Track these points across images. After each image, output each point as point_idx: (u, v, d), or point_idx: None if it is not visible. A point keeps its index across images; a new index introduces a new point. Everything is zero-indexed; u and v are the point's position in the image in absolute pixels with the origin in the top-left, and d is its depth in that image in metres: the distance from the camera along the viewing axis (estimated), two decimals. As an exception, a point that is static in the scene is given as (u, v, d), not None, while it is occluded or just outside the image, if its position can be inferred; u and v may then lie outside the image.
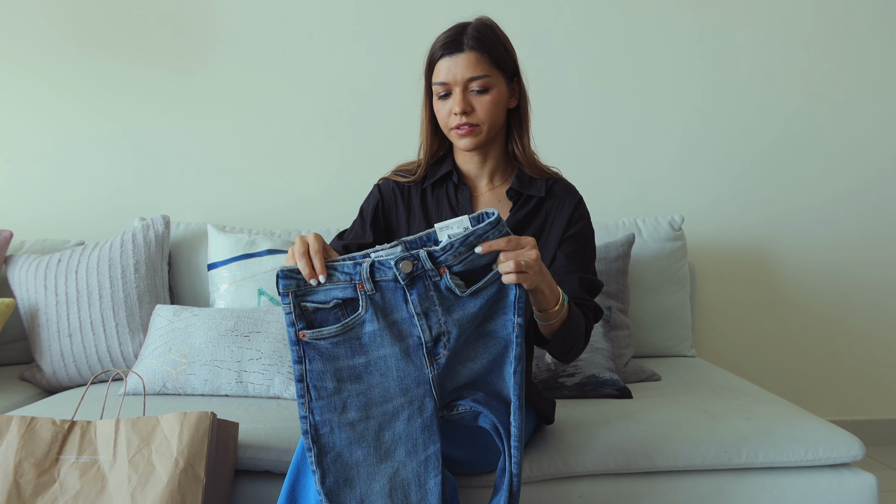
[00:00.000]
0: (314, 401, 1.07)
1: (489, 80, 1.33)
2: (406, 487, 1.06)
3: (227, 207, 2.46)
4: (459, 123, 1.34)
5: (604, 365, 1.84)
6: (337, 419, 1.07)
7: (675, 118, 2.51)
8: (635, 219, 2.26)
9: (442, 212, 1.44)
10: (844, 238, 2.54)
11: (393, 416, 1.08)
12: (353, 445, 1.07)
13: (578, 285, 1.37)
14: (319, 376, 1.07)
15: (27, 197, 2.43)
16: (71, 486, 1.26)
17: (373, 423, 1.08)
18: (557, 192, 1.44)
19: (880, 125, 2.54)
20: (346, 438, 1.07)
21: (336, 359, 1.07)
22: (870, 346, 2.57)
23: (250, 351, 1.76)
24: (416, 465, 1.07)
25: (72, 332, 1.97)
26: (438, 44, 1.36)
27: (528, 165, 1.43)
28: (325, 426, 1.07)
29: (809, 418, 1.53)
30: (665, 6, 2.48)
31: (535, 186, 1.42)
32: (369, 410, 1.08)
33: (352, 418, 1.08)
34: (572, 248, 1.41)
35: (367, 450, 1.07)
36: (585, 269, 1.41)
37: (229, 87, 2.45)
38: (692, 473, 1.41)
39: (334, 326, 1.07)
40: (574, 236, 1.42)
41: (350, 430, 1.07)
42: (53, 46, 2.41)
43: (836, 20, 2.50)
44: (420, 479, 1.06)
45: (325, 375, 1.07)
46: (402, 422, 1.08)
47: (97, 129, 2.43)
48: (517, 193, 1.42)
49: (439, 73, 1.35)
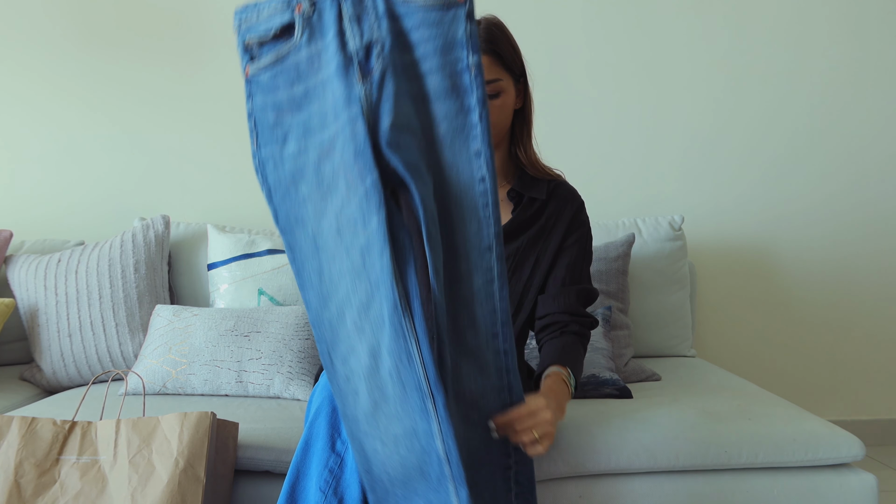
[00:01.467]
0: (259, 136, 1.05)
1: (500, 83, 1.32)
2: (354, 225, 1.00)
3: (227, 207, 2.46)
4: None
5: (604, 365, 1.84)
6: (279, 152, 1.04)
7: (675, 118, 2.51)
8: (635, 219, 2.27)
9: None
10: (844, 238, 2.54)
11: (330, 147, 1.02)
12: (298, 181, 1.04)
13: (576, 299, 1.37)
14: (262, 110, 1.04)
15: (27, 197, 2.43)
16: (71, 487, 1.26)
17: (312, 154, 1.03)
18: (559, 196, 1.43)
19: (881, 125, 2.54)
20: (289, 173, 1.04)
21: (276, 89, 1.04)
22: (870, 346, 2.57)
23: (250, 351, 1.76)
24: (358, 199, 0.99)
25: (72, 332, 1.97)
26: None
27: (531, 167, 1.42)
28: (268, 161, 1.05)
29: (809, 418, 1.53)
30: (666, 8, 2.48)
31: (536, 188, 1.42)
32: (308, 140, 1.03)
33: (292, 150, 1.04)
34: (572, 257, 1.41)
35: (311, 185, 1.03)
36: (583, 279, 1.42)
37: (230, 87, 2.44)
38: (692, 473, 1.41)
39: (268, 56, 1.03)
40: (574, 244, 1.42)
41: (292, 162, 1.04)
42: (54, 46, 2.41)
43: (835, 20, 2.50)
44: (364, 214, 0.98)
45: (266, 109, 1.04)
46: (339, 151, 1.01)
47: (97, 129, 2.43)
48: (518, 195, 1.42)
49: None
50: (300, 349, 1.77)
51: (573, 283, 1.41)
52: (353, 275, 1.01)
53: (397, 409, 0.98)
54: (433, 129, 1.03)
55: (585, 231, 1.45)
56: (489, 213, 1.04)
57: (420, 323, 0.96)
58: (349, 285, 1.02)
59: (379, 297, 0.98)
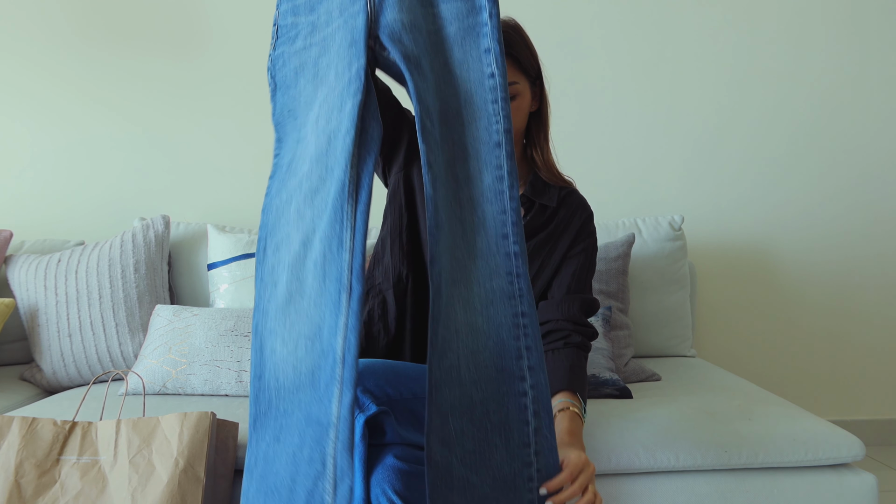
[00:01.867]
0: (277, 38, 1.12)
1: (517, 86, 1.32)
2: (330, 111, 1.02)
3: (227, 207, 2.46)
4: None
5: (604, 365, 1.84)
6: (289, 49, 1.11)
7: (675, 118, 2.51)
8: (635, 219, 2.27)
9: None
10: (844, 238, 2.54)
11: (330, 40, 1.06)
12: (299, 75, 1.09)
13: (579, 308, 1.38)
14: (284, 15, 1.12)
15: (27, 197, 2.43)
16: (72, 487, 1.26)
17: (314, 49, 1.08)
18: (569, 204, 1.44)
19: (881, 125, 2.54)
20: (293, 69, 1.09)
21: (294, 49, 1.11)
22: (870, 346, 2.57)
23: (250, 351, 1.76)
24: (342, 85, 1.01)
25: (72, 332, 1.97)
26: None
27: (546, 170, 1.42)
28: (279, 59, 1.11)
29: (809, 418, 1.53)
30: (666, 8, 2.48)
31: (547, 194, 1.42)
32: (313, 36, 1.09)
33: (298, 46, 1.10)
34: (577, 266, 1.41)
35: (307, 78, 1.08)
36: (585, 289, 1.42)
37: (230, 87, 2.45)
38: (692, 473, 1.42)
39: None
40: (581, 253, 1.42)
41: (297, 58, 1.10)
42: (55, 46, 2.41)
43: (835, 20, 2.51)
44: (342, 100, 1.01)
45: (287, 13, 1.12)
46: (336, 43, 1.06)
47: (97, 129, 2.43)
48: (529, 201, 1.42)
49: None
50: (300, 349, 1.77)
51: (577, 291, 1.41)
52: (314, 160, 1.02)
53: (310, 304, 0.97)
54: (442, 28, 1.06)
55: (592, 242, 1.45)
56: (499, 108, 1.04)
57: (362, 214, 0.95)
58: (306, 169, 1.03)
59: (330, 181, 0.98)
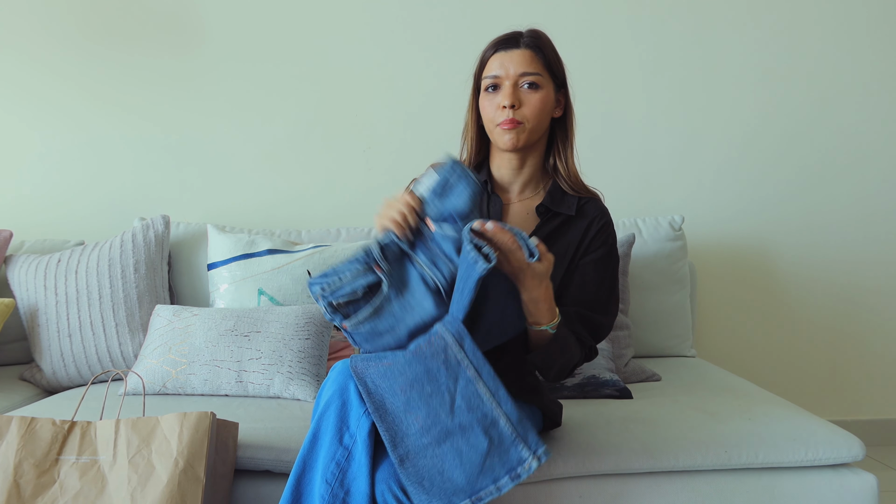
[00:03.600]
0: (356, 341, 1.21)
1: (541, 78, 1.34)
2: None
3: (227, 207, 2.46)
4: (505, 119, 1.32)
5: (604, 365, 1.84)
6: (370, 348, 1.20)
7: (675, 118, 2.51)
8: (635, 219, 2.26)
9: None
10: (844, 238, 2.54)
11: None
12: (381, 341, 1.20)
13: (577, 320, 1.32)
14: (362, 338, 1.19)
15: (27, 197, 2.43)
16: (71, 487, 1.26)
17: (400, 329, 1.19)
18: (588, 213, 1.40)
19: (881, 125, 2.54)
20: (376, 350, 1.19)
21: (376, 328, 1.18)
22: (870, 347, 2.57)
23: (250, 351, 1.76)
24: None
25: (71, 332, 1.97)
26: (493, 43, 1.37)
27: (568, 179, 1.40)
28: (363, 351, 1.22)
29: (809, 418, 1.53)
30: (666, 9, 2.48)
31: (565, 204, 1.39)
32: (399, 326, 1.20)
33: (383, 343, 1.20)
34: (586, 277, 1.36)
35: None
36: (593, 307, 1.36)
37: (229, 87, 2.45)
38: (692, 473, 1.41)
39: (367, 309, 1.16)
40: (592, 264, 1.37)
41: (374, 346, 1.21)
42: (55, 47, 2.41)
43: (836, 20, 2.51)
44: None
45: (364, 338, 1.19)
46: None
47: (98, 129, 2.43)
48: (546, 210, 1.39)
49: (492, 67, 1.35)
50: (300, 349, 1.77)
51: (582, 304, 1.35)
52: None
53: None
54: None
55: (608, 251, 1.39)
56: None
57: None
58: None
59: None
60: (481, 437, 1.06)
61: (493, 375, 1.08)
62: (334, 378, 1.20)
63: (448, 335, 1.10)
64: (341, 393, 1.16)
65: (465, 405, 1.07)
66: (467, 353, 1.09)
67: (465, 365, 1.09)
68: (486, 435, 1.06)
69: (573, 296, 1.36)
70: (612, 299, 1.40)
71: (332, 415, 1.15)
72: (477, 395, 1.08)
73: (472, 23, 2.40)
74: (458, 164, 1.18)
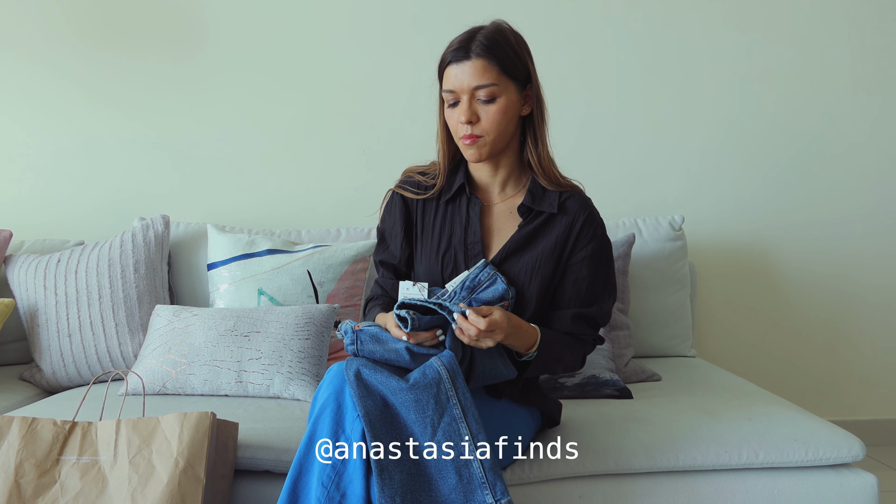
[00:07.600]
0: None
1: (496, 88, 1.29)
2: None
3: (227, 207, 2.46)
4: (465, 134, 1.31)
5: (604, 365, 1.84)
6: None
7: (675, 119, 2.50)
8: (635, 219, 2.26)
9: (454, 230, 1.40)
10: (844, 238, 2.54)
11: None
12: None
13: (570, 322, 1.34)
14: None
15: (27, 197, 2.43)
16: (71, 487, 1.26)
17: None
18: (570, 209, 1.37)
19: (881, 124, 2.54)
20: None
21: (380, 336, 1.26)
22: (870, 347, 2.57)
23: (250, 351, 1.76)
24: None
25: (71, 332, 1.97)
26: (449, 49, 1.32)
27: (544, 176, 1.37)
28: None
29: (809, 418, 1.53)
30: (667, 9, 2.48)
31: (547, 201, 1.37)
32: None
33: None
34: (578, 275, 1.36)
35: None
36: (589, 301, 1.37)
37: (230, 87, 2.44)
38: (692, 473, 1.42)
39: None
40: (583, 261, 1.37)
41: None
42: (54, 47, 2.41)
43: (836, 19, 2.50)
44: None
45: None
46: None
47: (97, 129, 2.43)
48: (528, 209, 1.37)
49: (447, 81, 1.32)
50: (300, 349, 1.77)
51: (579, 303, 1.36)
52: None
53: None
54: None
55: (598, 245, 1.38)
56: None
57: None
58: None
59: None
60: (451, 473, 1.12)
61: (476, 418, 1.15)
62: (330, 381, 1.20)
63: (444, 371, 1.16)
64: (337, 396, 1.16)
65: (444, 440, 1.14)
66: (458, 391, 1.16)
67: (454, 403, 1.15)
68: (456, 473, 1.12)
69: (569, 295, 1.37)
70: (608, 286, 1.41)
71: (328, 417, 1.16)
72: (458, 433, 1.14)
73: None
74: (489, 268, 1.35)
